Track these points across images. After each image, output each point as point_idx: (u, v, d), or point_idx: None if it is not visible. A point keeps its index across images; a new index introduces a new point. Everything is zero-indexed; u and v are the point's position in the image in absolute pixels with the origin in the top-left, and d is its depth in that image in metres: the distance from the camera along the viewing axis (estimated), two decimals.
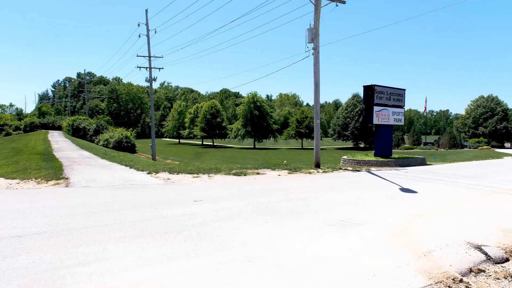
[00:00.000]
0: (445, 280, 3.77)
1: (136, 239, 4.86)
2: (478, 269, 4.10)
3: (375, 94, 18.22)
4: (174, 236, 5.06)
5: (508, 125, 63.31)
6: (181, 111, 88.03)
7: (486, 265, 4.29)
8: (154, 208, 6.81)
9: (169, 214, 6.34)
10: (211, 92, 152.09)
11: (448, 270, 4.04)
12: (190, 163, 25.02)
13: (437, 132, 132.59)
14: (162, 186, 9.66)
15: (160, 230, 5.31)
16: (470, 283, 3.76)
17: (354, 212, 6.83)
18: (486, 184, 11.25)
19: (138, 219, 5.95)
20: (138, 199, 7.69)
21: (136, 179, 10.81)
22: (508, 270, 4.13)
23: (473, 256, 4.52)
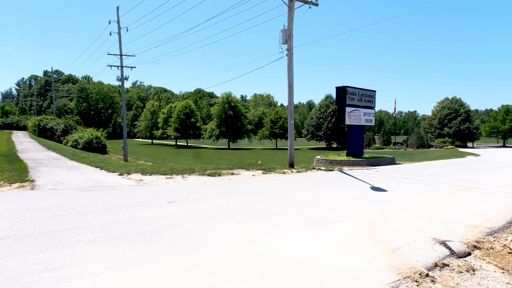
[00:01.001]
0: (413, 275, 3.92)
1: (106, 242, 4.73)
2: (443, 264, 4.29)
3: (347, 95, 18.65)
4: (147, 238, 4.96)
5: (470, 126, 66.56)
6: (154, 111, 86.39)
7: (450, 259, 4.50)
8: (125, 210, 6.64)
9: (142, 216, 6.21)
10: (185, 92, 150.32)
11: (415, 265, 4.20)
12: (163, 164, 24.59)
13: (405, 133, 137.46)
14: (134, 188, 9.45)
15: (132, 233, 5.19)
16: (436, 277, 3.93)
17: (327, 211, 6.96)
18: (450, 182, 11.78)
19: (109, 221, 5.79)
20: (109, 201, 7.48)
21: (107, 180, 10.51)
22: (470, 264, 4.34)
23: (438, 251, 4.73)
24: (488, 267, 4.28)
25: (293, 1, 15.41)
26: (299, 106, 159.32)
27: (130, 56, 32.81)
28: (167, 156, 42.33)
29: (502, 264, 4.35)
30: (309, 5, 15.82)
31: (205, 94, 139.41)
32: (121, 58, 31.94)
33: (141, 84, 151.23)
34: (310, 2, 15.76)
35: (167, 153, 48.86)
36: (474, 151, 44.34)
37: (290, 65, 16.02)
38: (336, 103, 19.41)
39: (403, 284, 3.70)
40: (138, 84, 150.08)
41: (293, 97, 16.29)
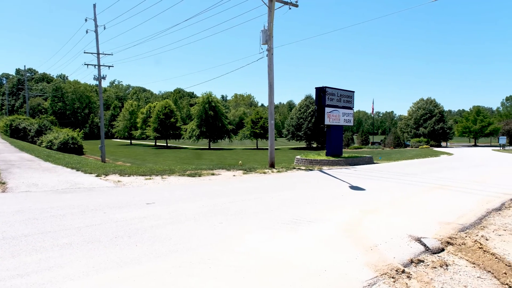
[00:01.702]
0: (389, 271, 4.02)
1: (83, 246, 4.61)
2: (418, 260, 4.42)
3: (327, 95, 18.91)
4: (125, 240, 4.87)
5: (444, 126, 68.86)
6: (132, 111, 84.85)
7: (425, 255, 4.64)
8: (103, 212, 6.49)
9: (120, 218, 6.09)
10: (165, 92, 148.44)
11: (392, 262, 4.31)
12: (142, 165, 24.20)
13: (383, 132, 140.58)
14: (112, 189, 9.25)
15: (109, 235, 5.08)
16: (411, 273, 4.04)
17: (307, 210, 7.03)
18: (426, 180, 12.15)
19: (85, 224, 5.64)
20: (85, 203, 7.29)
21: (83, 182, 10.24)
22: (443, 259, 4.49)
23: (414, 248, 4.87)
24: (460, 262, 4.44)
25: (273, 1, 15.48)
26: (280, 106, 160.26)
27: (108, 55, 32.13)
28: (146, 157, 41.67)
29: (473, 259, 4.53)
30: (289, 6, 15.94)
31: (185, 94, 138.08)
32: (98, 56, 31.21)
33: (119, 84, 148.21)
34: (290, 3, 15.88)
35: (146, 154, 48.10)
36: (447, 150, 45.89)
37: (271, 66, 16.09)
38: (315, 103, 19.65)
39: (380, 281, 3.79)
40: (116, 84, 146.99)
41: (273, 97, 16.37)
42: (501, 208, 7.69)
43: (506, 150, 43.71)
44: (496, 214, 7.11)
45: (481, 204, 8.07)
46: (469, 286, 3.77)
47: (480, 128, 70.90)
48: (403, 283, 3.75)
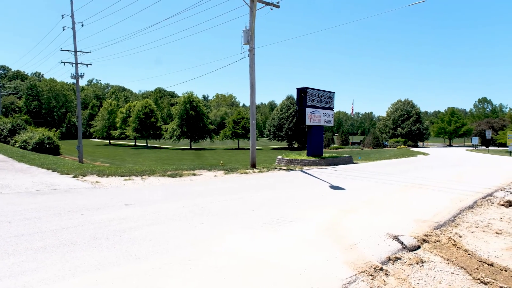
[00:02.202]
0: (368, 269, 4.10)
1: (58, 249, 4.48)
2: (395, 257, 4.53)
3: (308, 96, 19.10)
4: (103, 242, 4.77)
5: (420, 127, 70.80)
6: (111, 110, 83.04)
7: (402, 253, 4.76)
8: (80, 214, 6.33)
9: (98, 219, 5.95)
10: (145, 91, 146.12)
11: (370, 260, 4.40)
12: (121, 165, 23.74)
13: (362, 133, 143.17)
14: (90, 190, 9.03)
15: (87, 238, 4.96)
16: (389, 270, 4.14)
17: (288, 210, 7.08)
18: (403, 180, 12.46)
19: (61, 226, 5.49)
20: (61, 205, 7.08)
21: (59, 183, 9.95)
22: (419, 256, 4.62)
23: (392, 246, 4.98)
24: (435, 259, 4.58)
25: (254, 2, 15.51)
26: (261, 106, 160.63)
27: (86, 53, 31.29)
28: (125, 157, 40.89)
29: (447, 255, 4.68)
30: (271, 6, 16.01)
31: (166, 94, 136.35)
32: (76, 54, 30.39)
33: (97, 82, 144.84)
34: (272, 4, 15.95)
35: (126, 154, 47.19)
36: (424, 150, 47.22)
37: (252, 66, 16.11)
38: (297, 104, 19.82)
39: (359, 279, 3.86)
40: (95, 82, 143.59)
41: (255, 97, 16.40)
42: (474, 206, 7.98)
43: (479, 150, 45.42)
44: (469, 212, 7.38)
45: (455, 202, 8.35)
46: (443, 282, 3.89)
47: (454, 129, 73.30)
48: (381, 281, 3.84)
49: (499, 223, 6.49)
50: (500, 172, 16.77)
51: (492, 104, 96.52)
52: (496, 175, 14.98)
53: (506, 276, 4.03)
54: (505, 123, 63.84)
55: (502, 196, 9.31)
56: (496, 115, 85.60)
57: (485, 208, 7.83)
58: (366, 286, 3.70)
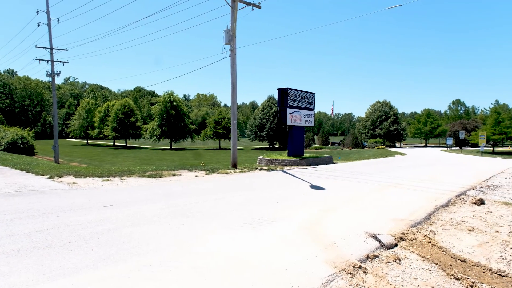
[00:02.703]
0: (347, 267, 4.17)
1: (32, 252, 4.34)
2: (374, 255, 4.63)
3: (289, 97, 19.24)
4: (80, 245, 4.65)
5: (398, 127, 72.56)
6: (89, 110, 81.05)
7: (380, 251, 4.87)
8: (56, 216, 6.15)
9: (74, 221, 5.80)
10: (124, 90, 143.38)
11: (349, 258, 4.47)
12: (99, 166, 23.22)
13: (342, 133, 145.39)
14: (66, 192, 8.78)
15: (63, 240, 4.82)
16: (367, 268, 4.23)
17: (269, 209, 7.11)
18: (381, 179, 12.74)
19: (35, 229, 5.31)
20: (36, 207, 6.86)
21: (34, 184, 9.63)
22: (397, 254, 4.74)
23: (370, 244, 5.09)
24: (412, 256, 4.71)
25: (236, 1, 15.50)
26: (243, 106, 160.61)
27: (62, 50, 30.44)
28: (104, 157, 40.00)
29: (423, 252, 4.82)
30: (252, 7, 16.04)
31: (145, 93, 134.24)
32: (52, 51, 29.48)
33: (74, 81, 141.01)
34: (253, 4, 15.98)
35: (104, 154, 46.18)
36: (401, 150, 48.42)
37: (234, 66, 16.08)
38: (278, 104, 19.92)
39: (339, 277, 3.92)
40: (72, 81, 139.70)
41: (236, 97, 16.38)
42: (448, 204, 8.26)
43: (452, 150, 47.01)
44: (444, 210, 7.62)
45: (431, 201, 8.61)
46: (419, 278, 4.01)
47: (430, 130, 75.47)
48: (359, 278, 3.91)
49: (471, 220, 6.74)
50: (472, 171, 17.41)
51: (465, 106, 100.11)
52: (469, 175, 15.54)
53: (477, 272, 4.19)
54: (477, 124, 66.30)
55: (474, 195, 9.67)
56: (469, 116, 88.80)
57: (459, 206, 8.11)
58: (345, 284, 3.76)
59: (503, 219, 6.98)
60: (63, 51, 30.29)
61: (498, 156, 36.24)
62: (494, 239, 5.56)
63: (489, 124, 48.72)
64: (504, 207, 8.20)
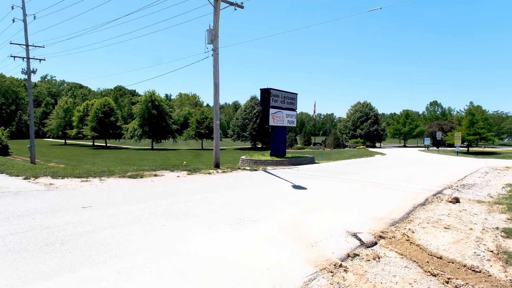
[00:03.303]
0: (328, 266, 4.23)
1: (7, 256, 4.19)
2: (354, 254, 4.71)
3: (271, 97, 19.31)
4: (57, 248, 4.53)
5: (378, 128, 74.00)
6: (67, 109, 78.93)
7: (360, 249, 4.95)
8: (31, 218, 5.96)
9: (51, 223, 5.64)
10: (104, 89, 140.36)
11: (330, 257, 4.54)
12: (78, 166, 22.65)
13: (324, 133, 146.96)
14: (42, 193, 8.52)
15: (39, 243, 4.68)
16: (348, 266, 4.29)
17: (251, 210, 7.12)
18: (362, 179, 12.96)
19: (10, 232, 5.14)
20: (10, 209, 6.63)
21: (8, 185, 9.31)
22: (376, 252, 4.84)
23: (351, 243, 5.17)
24: (391, 254, 4.82)
25: (218, 1, 15.44)
26: (225, 106, 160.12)
27: (39, 47, 29.47)
28: (83, 158, 39.06)
29: (401, 250, 4.94)
30: (235, 6, 16.01)
31: (126, 92, 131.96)
32: (27, 48, 28.55)
33: (52, 79, 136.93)
34: (236, 4, 15.96)
35: (83, 154, 45.09)
36: (381, 150, 49.40)
37: (216, 66, 16.02)
38: (260, 104, 19.96)
39: (320, 276, 3.97)
40: (49, 79, 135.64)
41: (219, 97, 16.32)
42: (425, 203, 8.49)
43: (430, 151, 48.33)
44: (421, 209, 7.83)
45: (409, 200, 8.82)
46: (397, 275, 4.10)
47: (408, 130, 77.28)
48: (340, 277, 3.97)
49: (447, 218, 6.95)
50: (448, 171, 17.95)
51: (442, 107, 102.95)
52: (445, 174, 16.01)
53: (453, 268, 4.32)
54: (453, 125, 68.32)
55: (450, 194, 9.97)
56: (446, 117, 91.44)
57: (435, 205, 8.35)
58: (327, 283, 3.81)
59: (477, 216, 7.24)
60: (39, 48, 29.31)
61: (472, 156, 37.50)
62: (468, 236, 5.76)
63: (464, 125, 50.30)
64: (478, 205, 8.50)
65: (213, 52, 15.97)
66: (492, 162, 26.79)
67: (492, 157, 35.38)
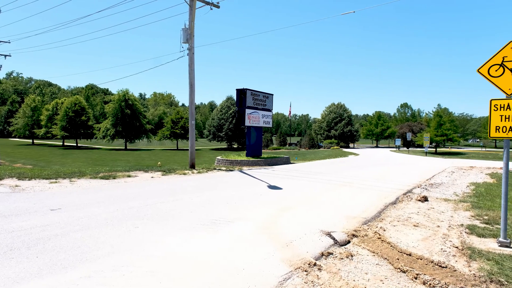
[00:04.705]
0: (303, 265, 4.28)
1: None
2: (328, 252, 4.80)
3: (247, 97, 19.33)
4: (23, 252, 4.33)
5: (351, 129, 75.71)
6: (35, 107, 75.72)
7: (334, 248, 5.05)
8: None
9: (17, 227, 5.39)
10: (75, 87, 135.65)
11: (305, 256, 4.60)
12: (47, 167, 21.79)
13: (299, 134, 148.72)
14: (7, 195, 8.13)
15: (3, 248, 4.47)
16: (322, 265, 4.37)
17: (227, 210, 7.10)
18: (336, 178, 13.22)
19: None
20: None
21: None
22: (349, 250, 4.95)
23: (325, 242, 5.27)
24: (363, 252, 4.94)
25: (194, 0, 15.30)
26: (201, 106, 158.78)
27: (4, 42, 28.14)
28: (52, 158, 37.61)
29: (373, 248, 5.08)
30: (211, 6, 15.92)
31: (98, 90, 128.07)
32: None
33: (18, 76, 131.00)
34: (212, 4, 15.87)
35: (52, 155, 43.41)
36: (354, 151, 50.55)
37: (192, 65, 15.86)
38: (236, 104, 19.95)
39: (294, 275, 4.02)
40: (15, 76, 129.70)
41: (194, 97, 16.16)
42: (396, 202, 8.77)
43: (401, 151, 49.99)
44: (392, 207, 8.08)
45: (381, 198, 9.08)
46: (369, 273, 4.21)
47: (380, 131, 79.50)
48: (314, 275, 4.03)
49: (416, 216, 7.21)
50: (418, 170, 18.62)
51: (412, 109, 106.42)
52: (415, 174, 16.60)
53: (421, 264, 4.49)
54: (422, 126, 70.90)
55: (419, 192, 10.35)
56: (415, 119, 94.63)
57: (406, 203, 8.64)
58: (301, 282, 3.86)
59: (444, 214, 7.55)
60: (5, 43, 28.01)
61: (440, 156, 39.08)
62: (436, 233, 5.99)
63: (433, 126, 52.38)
64: (445, 203, 8.87)
65: (188, 52, 15.80)
66: (458, 162, 28.06)
67: (458, 157, 37.03)
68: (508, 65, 5.33)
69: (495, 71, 5.45)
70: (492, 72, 5.47)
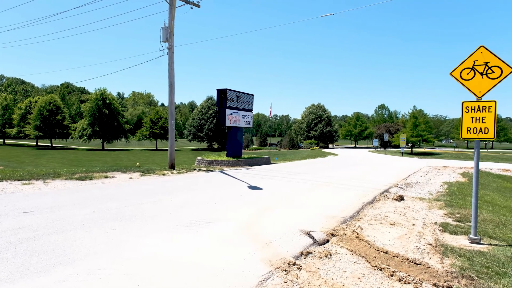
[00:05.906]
0: (282, 265, 4.31)
1: None
2: (307, 252, 4.85)
3: (228, 97, 19.29)
4: None
5: (331, 130, 76.87)
6: (7, 106, 72.95)
7: (313, 247, 5.11)
8: None
9: None
10: (50, 86, 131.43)
11: (285, 256, 4.63)
12: (19, 168, 20.99)
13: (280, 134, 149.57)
14: None
15: None
16: (301, 264, 4.41)
17: (207, 211, 7.06)
18: (315, 179, 13.38)
19: None
20: None
21: None
22: (328, 249, 5.02)
23: (304, 241, 5.32)
24: (341, 251, 5.03)
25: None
26: (181, 106, 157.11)
27: None
28: (24, 159, 36.29)
29: (351, 247, 5.17)
30: (191, 5, 15.81)
31: (74, 89, 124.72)
32: None
33: None
34: (192, 3, 15.76)
35: (25, 155, 41.89)
36: (334, 151, 51.33)
37: (171, 64, 15.68)
38: (217, 105, 19.87)
39: (274, 275, 4.04)
40: None
41: (174, 97, 15.98)
42: (373, 201, 8.96)
43: (378, 151, 51.15)
44: (370, 207, 8.25)
45: (359, 198, 9.26)
46: (347, 271, 4.29)
47: (359, 132, 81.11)
48: (294, 275, 4.07)
49: (393, 215, 7.40)
50: (394, 170, 19.10)
51: (389, 110, 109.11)
52: (391, 173, 17.02)
53: (397, 262, 4.61)
54: (398, 127, 72.78)
55: (395, 192, 10.62)
56: (392, 120, 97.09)
57: (383, 202, 8.85)
58: (281, 281, 3.88)
59: (419, 213, 7.78)
60: None
61: (415, 157, 40.22)
62: (411, 232, 6.17)
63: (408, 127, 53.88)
64: (420, 202, 9.14)
65: (168, 51, 15.62)
66: (432, 162, 28.98)
67: (432, 158, 38.24)
68: (478, 68, 5.55)
69: (466, 74, 5.66)
70: (464, 75, 5.69)
